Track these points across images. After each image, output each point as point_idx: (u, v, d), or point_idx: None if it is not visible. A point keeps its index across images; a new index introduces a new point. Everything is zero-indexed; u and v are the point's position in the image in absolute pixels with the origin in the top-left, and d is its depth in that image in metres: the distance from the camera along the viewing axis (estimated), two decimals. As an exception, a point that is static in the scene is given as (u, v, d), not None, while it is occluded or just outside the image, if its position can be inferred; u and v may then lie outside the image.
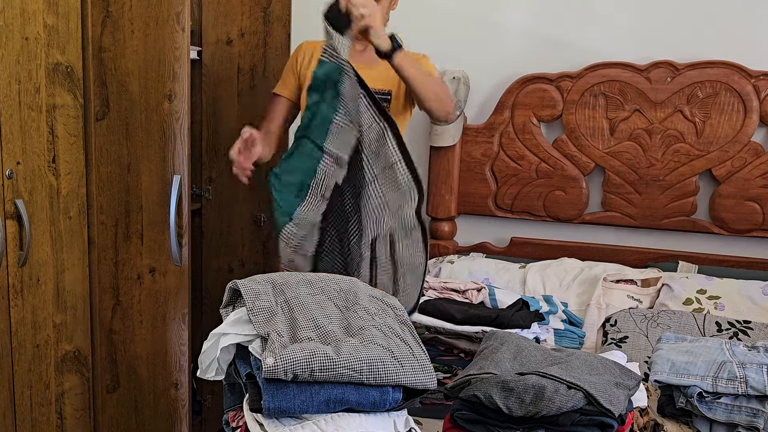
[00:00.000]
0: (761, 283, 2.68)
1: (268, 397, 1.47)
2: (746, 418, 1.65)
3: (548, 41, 3.05)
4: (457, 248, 3.18)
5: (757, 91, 2.82)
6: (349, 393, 1.50)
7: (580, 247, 3.06)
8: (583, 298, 2.72)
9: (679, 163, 2.92)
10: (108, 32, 2.20)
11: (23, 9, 1.96)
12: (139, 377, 2.40)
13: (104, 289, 2.32)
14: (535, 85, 3.01)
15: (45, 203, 2.10)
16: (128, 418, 2.42)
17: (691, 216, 2.95)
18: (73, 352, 2.25)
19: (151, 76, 2.23)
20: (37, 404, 2.16)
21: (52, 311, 2.16)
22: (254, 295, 1.64)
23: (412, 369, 1.54)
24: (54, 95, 2.08)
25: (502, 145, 3.08)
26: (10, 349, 2.04)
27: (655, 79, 2.90)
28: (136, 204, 2.30)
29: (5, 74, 1.93)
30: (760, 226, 2.89)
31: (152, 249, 2.33)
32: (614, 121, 2.96)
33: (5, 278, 2.00)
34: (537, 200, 3.07)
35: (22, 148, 2.01)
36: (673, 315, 2.55)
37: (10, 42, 1.94)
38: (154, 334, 2.38)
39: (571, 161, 3.02)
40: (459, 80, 2.98)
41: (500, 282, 2.80)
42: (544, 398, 1.50)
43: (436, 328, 2.33)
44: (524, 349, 1.76)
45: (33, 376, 2.13)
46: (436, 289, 2.52)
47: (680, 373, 1.71)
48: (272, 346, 1.48)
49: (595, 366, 1.65)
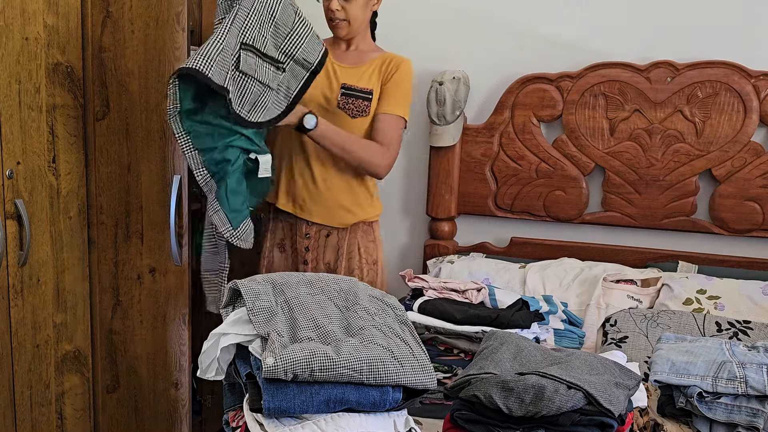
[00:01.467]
0: (761, 283, 2.68)
1: (268, 397, 1.47)
2: (746, 418, 1.65)
3: (548, 41, 3.05)
4: (457, 248, 3.18)
5: (757, 91, 2.82)
6: (349, 393, 1.50)
7: (580, 247, 3.06)
8: (583, 298, 2.72)
9: (679, 163, 2.92)
10: (108, 32, 2.20)
11: (23, 9, 1.96)
12: (139, 377, 2.40)
13: (104, 289, 2.32)
14: (535, 85, 3.01)
15: (45, 203, 2.10)
16: (128, 418, 2.42)
17: (691, 216, 2.95)
18: (73, 352, 2.25)
19: (151, 76, 2.24)
20: (37, 404, 2.16)
21: (52, 311, 2.16)
22: (254, 295, 1.64)
23: (412, 369, 1.54)
24: (54, 95, 2.09)
25: (502, 145, 3.08)
26: (10, 349, 2.04)
27: (655, 79, 2.90)
28: (136, 204, 2.31)
29: (5, 74, 1.93)
30: (760, 226, 2.89)
31: (152, 249, 2.33)
32: (614, 121, 2.96)
33: (5, 278, 2.00)
34: (537, 200, 3.07)
35: (22, 148, 2.01)
36: (673, 315, 2.55)
37: (10, 42, 1.94)
38: (154, 334, 2.38)
39: (571, 161, 3.02)
40: (459, 80, 2.98)
41: (500, 282, 2.80)
42: (544, 398, 1.50)
43: (436, 328, 2.33)
44: (524, 349, 1.76)
45: (33, 376, 2.13)
46: (436, 289, 2.52)
47: (680, 373, 1.71)
48: (272, 346, 1.48)
49: (595, 366, 1.65)
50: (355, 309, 1.68)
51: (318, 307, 1.67)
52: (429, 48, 3.09)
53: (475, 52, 3.11)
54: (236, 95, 2.10)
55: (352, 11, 2.38)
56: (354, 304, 1.70)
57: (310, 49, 2.25)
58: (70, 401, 2.26)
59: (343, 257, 2.50)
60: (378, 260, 2.57)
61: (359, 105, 2.40)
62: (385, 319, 1.66)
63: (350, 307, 1.69)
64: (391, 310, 1.71)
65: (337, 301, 1.71)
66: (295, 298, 1.67)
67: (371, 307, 1.69)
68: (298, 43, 2.23)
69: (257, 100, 2.16)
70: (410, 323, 1.70)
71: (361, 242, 2.52)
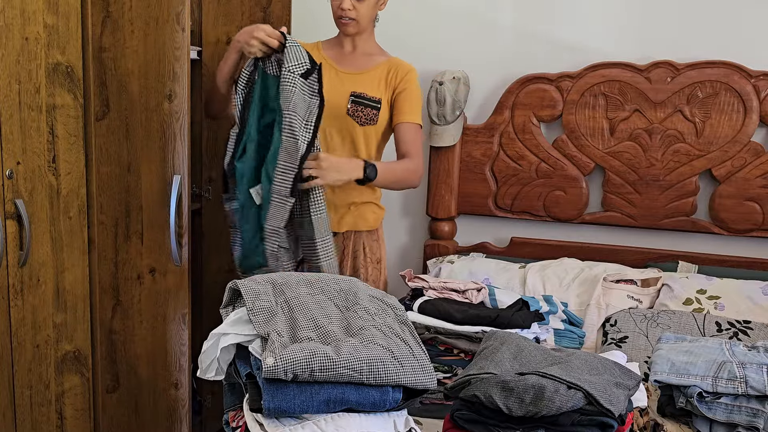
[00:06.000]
0: (761, 283, 2.68)
1: (268, 397, 1.47)
2: (746, 418, 1.65)
3: (548, 41, 3.05)
4: (457, 248, 3.18)
5: (757, 91, 2.82)
6: (349, 393, 1.50)
7: (580, 247, 3.06)
8: (583, 298, 2.72)
9: (679, 163, 2.92)
10: (108, 32, 2.20)
11: (23, 9, 1.96)
12: (139, 377, 2.40)
13: (104, 289, 2.32)
14: (535, 85, 3.01)
15: (45, 203, 2.10)
16: (128, 418, 2.42)
17: (691, 216, 2.95)
18: (73, 352, 2.25)
19: (151, 76, 2.23)
20: (37, 404, 2.16)
21: (52, 311, 2.16)
22: (254, 295, 1.64)
23: (412, 369, 1.54)
24: (54, 95, 2.09)
25: (502, 145, 3.08)
26: (10, 349, 2.04)
27: (655, 79, 2.90)
28: (136, 204, 2.30)
29: (5, 74, 1.93)
30: (760, 226, 2.89)
31: (152, 249, 2.33)
32: (614, 121, 2.96)
33: (5, 278, 2.00)
34: (537, 200, 3.07)
35: (22, 148, 2.01)
36: (673, 315, 2.55)
37: (10, 42, 1.94)
38: (154, 334, 2.38)
39: (571, 161, 3.02)
40: (459, 80, 2.98)
41: (500, 282, 2.80)
42: (544, 398, 1.50)
43: (436, 328, 2.33)
44: (524, 349, 1.76)
45: (33, 376, 2.13)
46: (436, 289, 2.52)
47: (680, 373, 1.71)
48: (272, 346, 1.48)
49: (595, 366, 1.65)
50: (355, 309, 1.68)
51: (318, 307, 1.67)
52: (429, 48, 3.09)
53: (475, 52, 3.11)
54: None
55: (363, 10, 2.38)
56: (354, 304, 1.70)
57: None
58: (70, 401, 2.26)
59: (348, 256, 2.51)
60: (381, 259, 2.59)
61: (368, 113, 2.42)
62: (385, 319, 1.66)
63: (350, 307, 1.69)
64: (391, 310, 1.71)
65: (337, 301, 1.71)
66: (295, 298, 1.67)
67: (371, 307, 1.69)
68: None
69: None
70: (410, 323, 1.70)
71: (366, 241, 2.53)
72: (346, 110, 2.42)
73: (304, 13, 2.95)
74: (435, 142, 3.06)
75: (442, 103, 2.98)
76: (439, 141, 3.06)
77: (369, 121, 2.43)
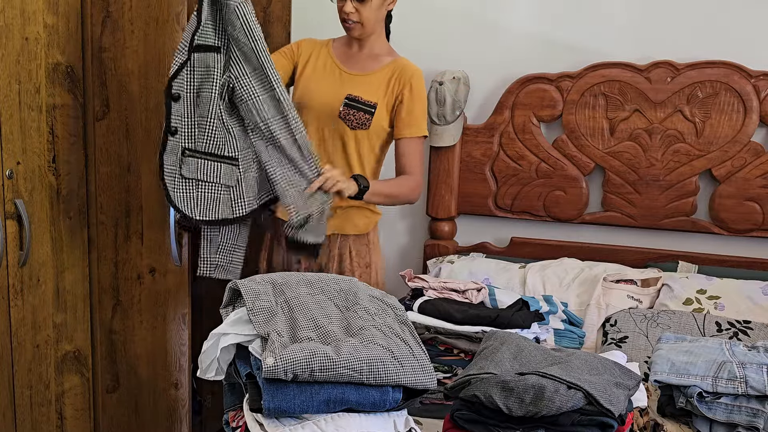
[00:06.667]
0: (761, 283, 2.68)
1: (268, 397, 1.47)
2: (746, 418, 1.65)
3: (548, 41, 3.05)
4: (457, 248, 3.18)
5: (757, 91, 2.82)
6: (349, 393, 1.50)
7: (580, 247, 3.06)
8: (583, 298, 2.72)
9: (679, 163, 2.92)
10: (108, 32, 2.20)
11: (23, 9, 1.96)
12: (139, 377, 2.40)
13: (104, 289, 2.32)
14: (535, 85, 3.01)
15: (45, 203, 2.10)
16: (128, 418, 2.42)
17: (691, 216, 2.95)
18: (73, 352, 2.25)
19: (151, 76, 2.23)
20: (37, 404, 2.16)
21: (52, 311, 2.16)
22: (254, 295, 1.64)
23: (412, 369, 1.54)
24: (54, 95, 2.09)
25: (502, 145, 3.08)
26: (10, 349, 2.04)
27: (655, 79, 2.90)
28: (136, 204, 2.31)
29: (5, 74, 1.93)
30: (760, 226, 2.89)
31: (152, 249, 2.33)
32: (614, 121, 2.96)
33: (5, 278, 2.00)
34: (537, 200, 3.07)
35: (22, 148, 2.01)
36: (673, 315, 2.55)
37: (10, 42, 1.94)
38: (154, 334, 2.38)
39: (571, 161, 3.02)
40: (459, 80, 2.98)
41: (500, 282, 2.80)
42: (544, 398, 1.50)
43: (436, 328, 2.33)
44: (524, 349, 1.76)
45: (33, 376, 2.13)
46: (436, 289, 2.52)
47: (680, 373, 1.71)
48: (272, 346, 1.48)
49: (595, 366, 1.65)
50: (355, 309, 1.68)
51: (318, 307, 1.67)
52: (429, 48, 3.09)
53: (475, 52, 3.11)
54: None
55: (366, 13, 2.35)
56: (354, 304, 1.70)
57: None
58: (70, 401, 2.26)
59: (334, 260, 2.48)
60: (372, 263, 2.54)
61: (360, 117, 2.39)
62: (385, 319, 1.66)
63: (350, 307, 1.69)
64: (391, 310, 1.71)
65: (337, 301, 1.71)
66: (295, 298, 1.67)
67: (371, 307, 1.69)
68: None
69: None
70: (410, 323, 1.70)
71: (353, 245, 2.50)
72: (338, 113, 2.40)
73: (304, 13, 2.95)
74: (435, 142, 3.06)
75: (442, 103, 2.98)
76: (439, 141, 3.06)
77: (360, 125, 2.39)
